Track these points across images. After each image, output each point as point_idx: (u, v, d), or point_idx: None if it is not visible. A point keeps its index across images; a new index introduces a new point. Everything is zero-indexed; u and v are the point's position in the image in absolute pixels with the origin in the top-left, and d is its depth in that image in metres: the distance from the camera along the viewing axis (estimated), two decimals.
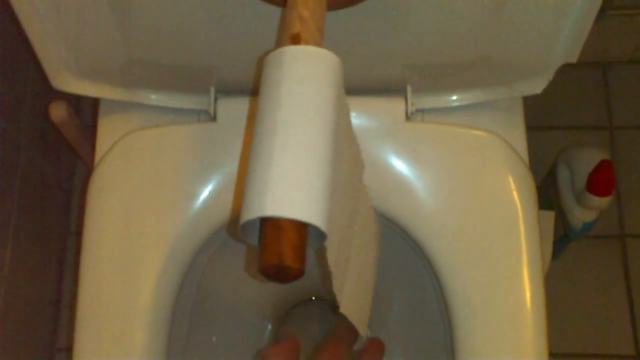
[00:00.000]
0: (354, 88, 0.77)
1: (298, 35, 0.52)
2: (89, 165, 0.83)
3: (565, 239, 1.12)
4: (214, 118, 0.78)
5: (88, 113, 1.13)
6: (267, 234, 0.46)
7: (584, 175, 1.00)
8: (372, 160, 0.78)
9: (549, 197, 1.11)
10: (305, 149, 0.48)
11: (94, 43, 0.71)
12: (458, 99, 0.80)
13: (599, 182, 0.98)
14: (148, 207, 0.77)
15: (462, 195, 0.78)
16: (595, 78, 1.38)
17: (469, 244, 0.77)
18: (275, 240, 0.46)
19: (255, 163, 0.48)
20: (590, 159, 1.01)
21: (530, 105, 1.32)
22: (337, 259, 0.57)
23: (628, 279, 1.27)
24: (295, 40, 0.52)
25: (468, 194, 0.78)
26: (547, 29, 0.69)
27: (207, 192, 0.77)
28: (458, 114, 0.80)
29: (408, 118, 0.78)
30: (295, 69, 0.51)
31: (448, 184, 0.78)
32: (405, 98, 0.78)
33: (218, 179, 0.77)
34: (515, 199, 0.77)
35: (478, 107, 0.80)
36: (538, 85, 0.76)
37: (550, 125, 1.35)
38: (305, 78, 0.50)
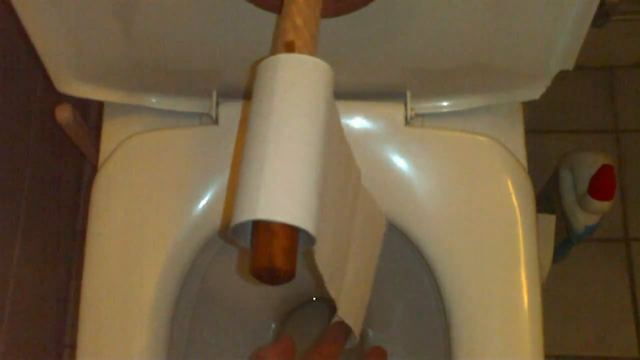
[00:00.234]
0: (354, 92, 0.79)
1: (292, 43, 0.53)
2: (95, 166, 0.85)
3: (568, 242, 1.12)
4: (216, 121, 0.79)
5: (96, 114, 1.14)
6: (258, 237, 0.48)
7: (586, 180, 1.01)
8: (371, 164, 0.79)
9: (552, 200, 1.11)
10: (296, 155, 0.50)
11: (98, 48, 0.72)
12: (457, 104, 0.80)
13: (601, 186, 0.99)
14: (150, 208, 0.78)
15: (460, 199, 0.78)
16: (601, 82, 1.38)
17: (467, 247, 0.77)
18: (267, 243, 0.47)
19: (247, 168, 0.50)
20: (592, 164, 1.01)
21: (536, 109, 1.33)
22: (329, 262, 0.59)
23: (633, 282, 1.27)
24: (289, 48, 0.53)
25: (467, 198, 0.79)
26: (544, 37, 0.70)
27: (208, 194, 0.78)
28: (458, 119, 0.81)
29: (407, 123, 0.79)
30: (288, 77, 0.52)
31: (447, 188, 0.79)
32: (405, 103, 0.79)
33: (219, 182, 0.78)
34: (514, 203, 0.78)
35: (477, 112, 0.81)
36: (536, 91, 0.77)
37: (556, 129, 1.35)
38: (297, 86, 0.52)
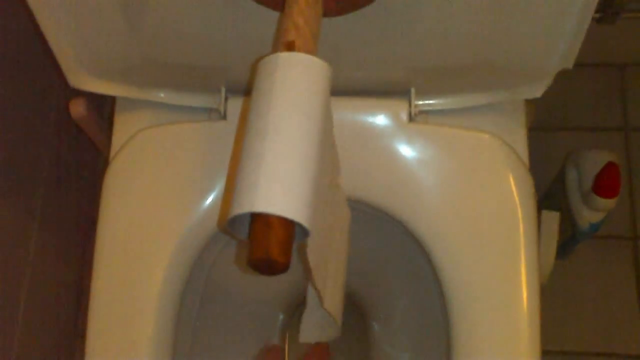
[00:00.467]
0: (359, 89, 0.80)
1: (292, 43, 0.55)
2: (107, 159, 0.87)
3: (573, 239, 1.13)
4: (224, 117, 0.81)
5: (111, 106, 1.16)
6: (256, 229, 0.50)
7: (591, 177, 1.02)
8: (375, 160, 0.80)
9: (558, 197, 1.12)
10: (294, 151, 0.51)
11: (109, 44, 0.74)
12: (461, 102, 0.82)
13: (605, 184, 1.00)
14: (159, 201, 0.80)
15: (462, 195, 0.80)
16: (611, 79, 1.38)
17: (468, 242, 0.79)
18: (264, 235, 0.49)
19: (246, 162, 0.52)
20: (597, 161, 1.02)
21: (546, 106, 1.34)
22: (317, 257, 0.61)
23: (639, 280, 1.28)
24: (290, 47, 0.55)
25: (469, 194, 0.80)
26: (545, 36, 0.71)
27: (216, 188, 0.80)
28: (461, 116, 0.82)
29: (411, 119, 0.80)
30: (287, 75, 0.53)
31: (449, 184, 0.80)
32: (409, 100, 0.80)
33: (226, 176, 0.80)
34: (515, 199, 0.79)
35: (481, 109, 0.82)
36: (538, 90, 0.78)
37: (565, 126, 1.36)
38: (296, 84, 0.53)
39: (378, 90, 0.81)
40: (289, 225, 0.50)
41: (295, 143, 0.52)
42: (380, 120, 0.81)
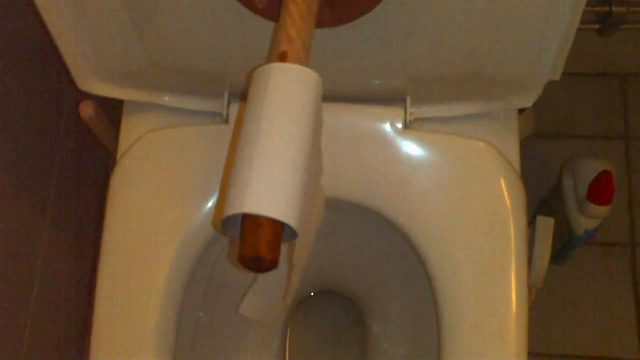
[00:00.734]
0: (356, 96, 0.83)
1: (285, 54, 0.58)
2: (115, 159, 0.90)
3: (570, 245, 1.15)
4: (226, 120, 0.84)
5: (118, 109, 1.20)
6: (246, 229, 0.53)
7: (586, 184, 1.04)
8: (371, 165, 0.83)
9: (555, 203, 1.15)
10: (283, 156, 0.55)
11: (117, 50, 0.77)
12: (455, 110, 0.84)
13: (599, 191, 1.02)
14: (163, 200, 0.83)
15: (456, 200, 0.82)
16: (613, 89, 1.40)
17: (461, 245, 0.81)
18: (253, 235, 0.52)
19: (239, 165, 0.55)
20: (592, 169, 1.04)
21: (550, 114, 1.37)
22: (299, 254, 0.64)
23: (636, 286, 1.30)
24: (282, 58, 0.58)
25: (462, 199, 0.82)
26: (534, 50, 0.74)
27: (217, 188, 0.83)
28: (456, 124, 0.85)
29: (407, 126, 0.83)
30: (279, 84, 0.57)
31: (443, 189, 0.82)
32: (405, 107, 0.83)
33: None
34: (507, 205, 0.82)
35: (475, 117, 0.85)
36: (528, 99, 0.81)
37: (567, 134, 1.38)
38: (288, 93, 0.56)
39: (375, 98, 0.83)
40: (277, 226, 0.53)
41: (285, 148, 0.55)
42: (377, 127, 0.83)
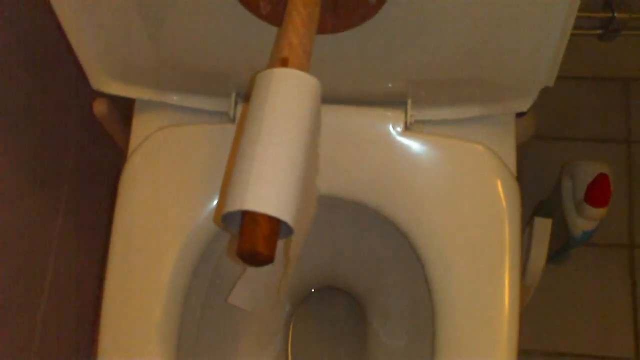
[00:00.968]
0: (358, 99, 0.86)
1: (286, 59, 0.61)
2: (126, 155, 0.93)
3: (567, 246, 1.18)
4: (233, 120, 0.87)
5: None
6: (245, 225, 0.56)
7: (584, 187, 1.07)
8: (372, 165, 0.86)
9: (554, 205, 1.17)
10: (282, 156, 0.58)
11: (129, 51, 0.81)
12: (454, 113, 0.86)
13: (596, 194, 1.05)
14: (171, 196, 0.86)
15: (453, 199, 0.85)
16: (616, 93, 1.42)
17: (457, 243, 0.84)
18: (251, 231, 0.55)
19: (240, 165, 0.58)
20: (590, 172, 1.07)
21: (553, 117, 1.39)
22: (294, 249, 0.67)
23: (634, 286, 1.32)
24: (284, 63, 0.61)
25: (460, 199, 0.85)
26: (530, 57, 0.77)
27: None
28: (455, 127, 0.87)
29: (407, 128, 0.86)
30: (280, 89, 0.60)
31: (441, 189, 0.85)
32: (405, 110, 0.86)
33: None
34: (503, 205, 0.84)
35: (474, 121, 0.87)
36: (525, 104, 0.83)
37: (569, 137, 1.41)
38: (288, 98, 0.60)
39: (376, 101, 0.86)
40: (275, 223, 0.56)
41: (284, 150, 0.58)
42: (378, 128, 0.86)
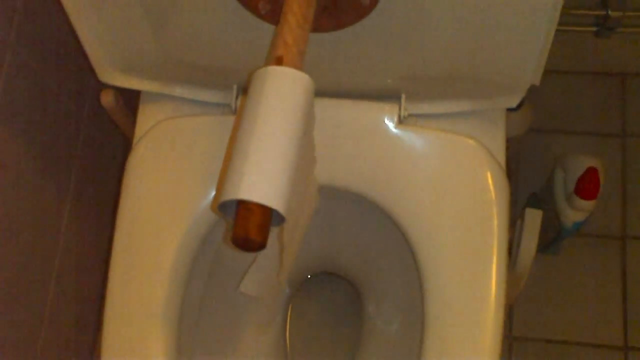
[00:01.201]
0: (354, 93, 0.89)
1: (281, 58, 0.65)
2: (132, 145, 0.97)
3: (559, 236, 1.21)
4: (235, 112, 0.90)
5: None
6: (239, 213, 0.60)
7: (575, 179, 1.10)
8: (367, 156, 0.89)
9: (547, 196, 1.21)
10: (275, 150, 0.62)
11: (134, 46, 0.84)
12: (447, 107, 0.89)
13: (585, 187, 1.08)
14: (174, 183, 0.90)
15: (444, 191, 0.88)
16: (612, 88, 1.45)
17: (447, 232, 0.87)
18: (244, 219, 0.59)
19: (235, 157, 0.62)
20: (581, 165, 1.10)
21: (550, 111, 1.43)
22: (289, 236, 0.71)
23: (625, 277, 1.35)
24: (279, 62, 0.65)
25: (450, 190, 0.88)
26: (516, 55, 0.80)
27: None
28: (447, 121, 0.90)
29: (401, 122, 0.89)
30: (275, 85, 0.64)
31: (433, 180, 0.88)
32: (399, 104, 0.89)
33: None
34: (492, 197, 0.87)
35: (465, 116, 0.90)
36: (513, 101, 0.86)
37: (566, 130, 1.43)
38: (282, 94, 0.63)
39: (372, 95, 0.89)
40: (267, 211, 0.60)
41: (277, 143, 0.62)
42: (373, 121, 0.89)
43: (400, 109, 0.89)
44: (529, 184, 1.36)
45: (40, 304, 1.14)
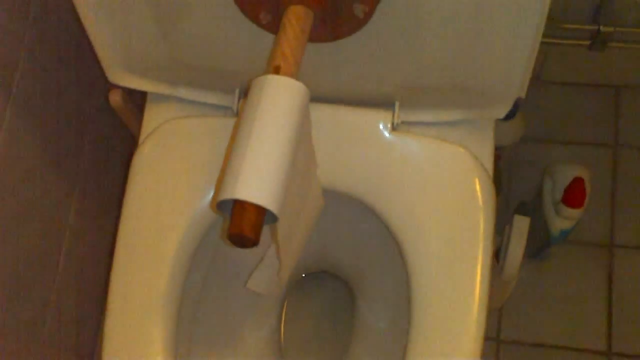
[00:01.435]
0: (349, 100, 0.92)
1: (279, 67, 0.69)
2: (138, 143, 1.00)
3: (547, 243, 1.25)
4: (237, 114, 0.94)
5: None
6: (234, 212, 0.64)
7: (562, 188, 1.14)
8: (360, 161, 0.92)
9: (536, 204, 1.24)
10: (270, 154, 0.66)
11: (142, 49, 0.88)
12: (439, 116, 0.93)
13: (572, 195, 1.12)
14: (177, 180, 0.93)
15: (433, 196, 0.91)
16: (606, 99, 1.48)
17: (435, 235, 0.90)
18: (239, 217, 0.64)
19: (233, 159, 0.66)
20: (569, 174, 1.14)
21: (543, 121, 1.46)
22: (284, 235, 0.75)
23: (610, 284, 1.38)
24: (277, 71, 0.69)
25: (439, 196, 0.91)
26: (504, 68, 0.84)
27: None
28: (439, 130, 0.94)
29: (395, 129, 0.92)
30: (272, 93, 0.68)
31: (423, 186, 0.91)
32: (393, 111, 0.92)
33: None
34: (479, 202, 0.91)
35: (456, 124, 0.94)
36: (501, 112, 0.89)
37: (559, 140, 1.47)
38: (278, 101, 0.68)
39: (367, 102, 0.93)
40: (260, 211, 0.64)
41: (272, 147, 0.66)
42: (367, 127, 0.92)
43: (394, 116, 0.92)
44: (522, 192, 1.39)
45: (47, 290, 1.17)
